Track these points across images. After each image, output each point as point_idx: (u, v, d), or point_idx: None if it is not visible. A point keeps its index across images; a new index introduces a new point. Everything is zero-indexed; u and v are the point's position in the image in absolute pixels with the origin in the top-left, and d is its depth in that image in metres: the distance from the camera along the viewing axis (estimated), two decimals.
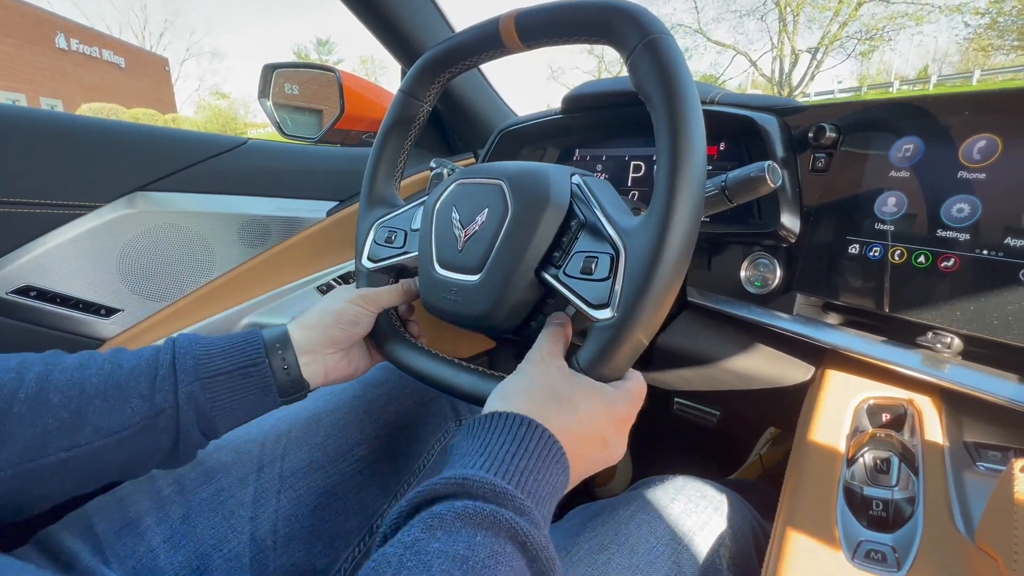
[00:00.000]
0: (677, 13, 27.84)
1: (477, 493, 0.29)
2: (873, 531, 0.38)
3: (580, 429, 0.36)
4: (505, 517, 0.28)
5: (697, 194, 0.39)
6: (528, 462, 0.31)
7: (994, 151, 0.44)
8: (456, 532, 0.26)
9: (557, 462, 0.33)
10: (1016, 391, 0.41)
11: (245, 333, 0.47)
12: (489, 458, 0.31)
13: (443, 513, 0.27)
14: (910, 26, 15.58)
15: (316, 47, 35.19)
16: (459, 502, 0.28)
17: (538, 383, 0.38)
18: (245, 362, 0.44)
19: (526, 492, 0.30)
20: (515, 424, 0.33)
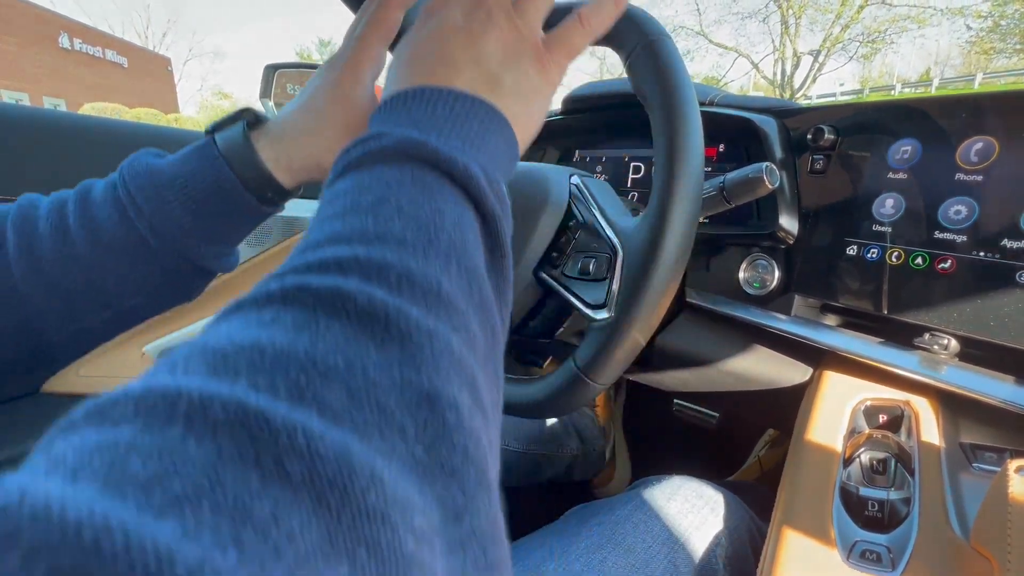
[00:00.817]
0: (679, 15, 27.84)
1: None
2: (868, 531, 0.38)
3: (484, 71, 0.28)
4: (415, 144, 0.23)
5: (694, 196, 0.39)
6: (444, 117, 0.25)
7: (991, 153, 0.44)
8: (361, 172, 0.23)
9: (491, 118, 0.27)
10: (1012, 392, 0.41)
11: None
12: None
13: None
14: (912, 29, 15.57)
15: (318, 47, 35.25)
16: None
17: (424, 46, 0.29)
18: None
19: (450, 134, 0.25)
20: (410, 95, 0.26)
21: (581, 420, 0.98)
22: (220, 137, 0.36)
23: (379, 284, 0.17)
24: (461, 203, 0.22)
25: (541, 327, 0.52)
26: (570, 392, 0.42)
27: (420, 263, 0.19)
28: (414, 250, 0.19)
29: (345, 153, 0.24)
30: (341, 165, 0.23)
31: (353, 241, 0.19)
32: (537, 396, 0.44)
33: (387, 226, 0.20)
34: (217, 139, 0.36)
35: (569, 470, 0.93)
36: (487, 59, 0.28)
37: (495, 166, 0.25)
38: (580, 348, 0.42)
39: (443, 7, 0.30)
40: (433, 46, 0.28)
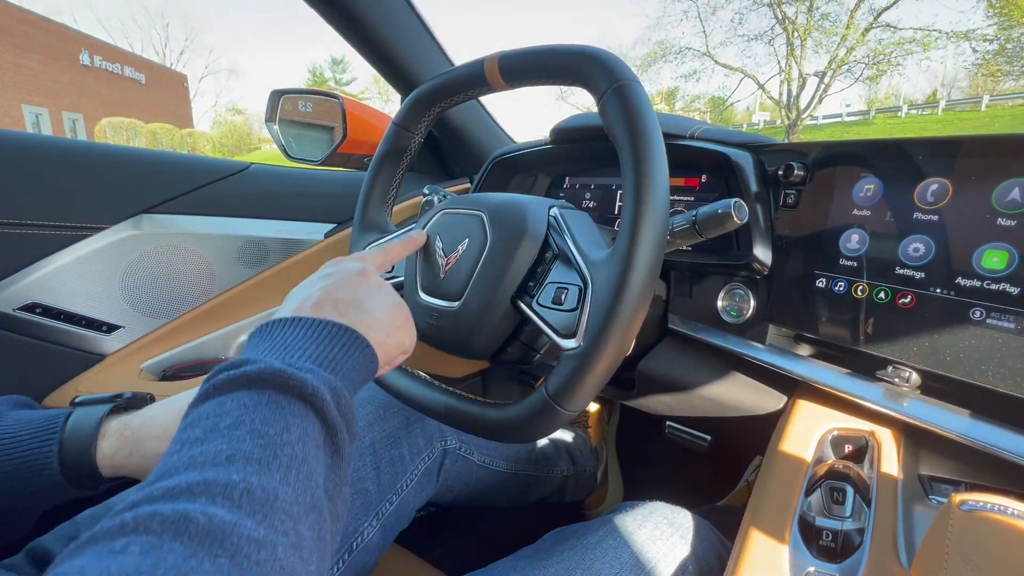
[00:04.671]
0: (686, 36, 28.28)
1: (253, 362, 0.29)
2: (821, 561, 0.39)
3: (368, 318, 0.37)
4: (274, 371, 0.28)
5: (659, 233, 0.41)
6: (318, 346, 0.32)
7: (945, 194, 0.46)
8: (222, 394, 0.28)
9: (356, 344, 0.34)
10: (968, 426, 0.42)
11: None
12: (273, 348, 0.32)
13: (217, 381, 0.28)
14: (917, 51, 15.67)
15: (330, 66, 35.99)
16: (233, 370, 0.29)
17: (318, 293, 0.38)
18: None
19: (315, 362, 0.31)
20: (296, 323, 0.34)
21: (573, 441, 0.99)
22: (76, 414, 0.40)
23: (222, 503, 0.22)
24: (308, 418, 0.28)
25: (518, 353, 0.54)
26: (540, 418, 0.43)
27: (262, 477, 0.24)
28: (259, 465, 0.24)
29: (213, 376, 0.29)
30: (208, 387, 0.28)
31: (207, 465, 0.23)
32: (509, 421, 0.45)
33: (238, 446, 0.25)
34: (72, 417, 0.39)
35: (560, 491, 0.93)
36: (364, 302, 0.38)
37: (348, 381, 0.32)
38: (551, 376, 0.44)
39: (343, 268, 0.40)
40: (328, 290, 0.38)
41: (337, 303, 0.37)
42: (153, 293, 0.77)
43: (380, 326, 0.38)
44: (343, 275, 0.39)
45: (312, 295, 0.37)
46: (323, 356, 0.32)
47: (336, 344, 0.33)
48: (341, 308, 0.37)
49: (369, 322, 0.37)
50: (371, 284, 0.40)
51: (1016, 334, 0.41)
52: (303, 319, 0.34)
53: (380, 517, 0.61)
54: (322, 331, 0.33)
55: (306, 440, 0.27)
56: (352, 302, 0.37)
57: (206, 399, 0.28)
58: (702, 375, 0.68)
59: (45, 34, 17.03)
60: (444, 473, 0.71)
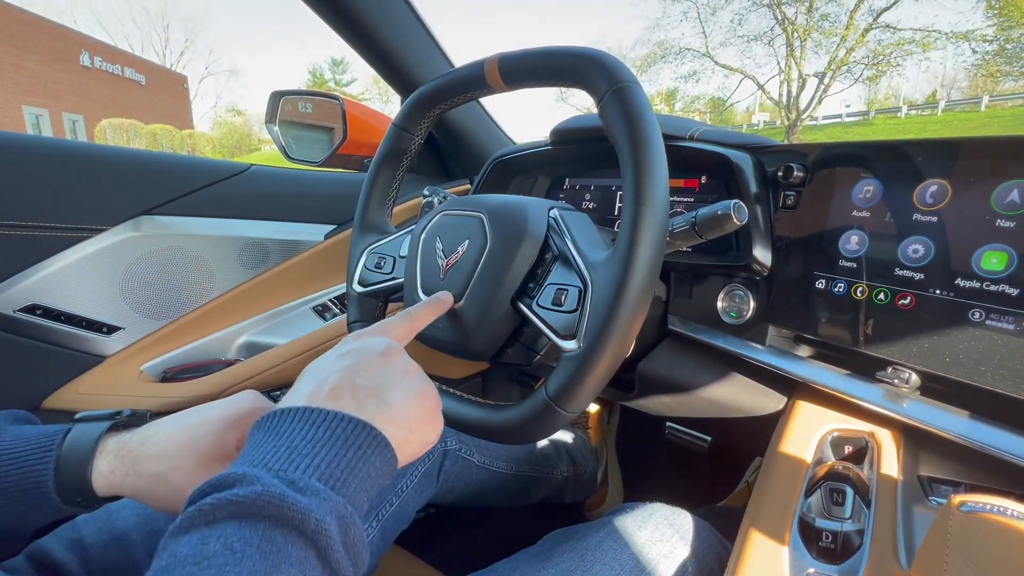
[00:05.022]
0: (685, 37, 28.31)
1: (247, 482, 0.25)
2: (821, 562, 0.39)
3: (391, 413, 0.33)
4: (273, 498, 0.24)
5: (658, 234, 0.41)
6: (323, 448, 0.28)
7: (944, 196, 0.46)
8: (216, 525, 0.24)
9: (374, 445, 0.30)
10: (968, 427, 0.42)
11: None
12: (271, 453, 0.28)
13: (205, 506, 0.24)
14: (916, 52, 15.67)
15: (330, 66, 36.00)
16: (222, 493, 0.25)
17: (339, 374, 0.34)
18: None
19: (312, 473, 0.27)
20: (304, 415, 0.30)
21: (573, 442, 0.99)
22: (75, 432, 0.38)
23: None
24: (308, 561, 0.24)
25: (518, 354, 0.54)
26: (540, 420, 0.43)
27: None
28: None
29: (200, 495, 0.25)
30: (193, 512, 0.24)
31: None
32: (509, 423, 0.45)
33: None
34: (71, 434, 0.38)
35: (561, 492, 0.93)
36: (387, 391, 0.33)
37: (360, 493, 0.28)
38: (550, 377, 0.44)
39: (365, 347, 0.36)
40: (347, 373, 0.33)
41: (356, 390, 0.32)
42: (153, 294, 0.77)
43: (403, 421, 0.33)
44: (365, 355, 0.35)
45: (329, 378, 0.33)
46: (333, 466, 0.28)
47: (351, 447, 0.29)
48: (361, 397, 0.32)
49: (390, 416, 0.32)
50: (395, 367, 0.35)
51: (1015, 335, 0.42)
52: (316, 411, 0.30)
53: (380, 518, 0.61)
54: (336, 429, 0.29)
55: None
56: (373, 390, 0.33)
57: (187, 530, 0.24)
58: (702, 376, 0.68)
59: (45, 35, 17.04)
60: (444, 474, 0.71)
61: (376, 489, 0.30)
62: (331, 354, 0.36)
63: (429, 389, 0.36)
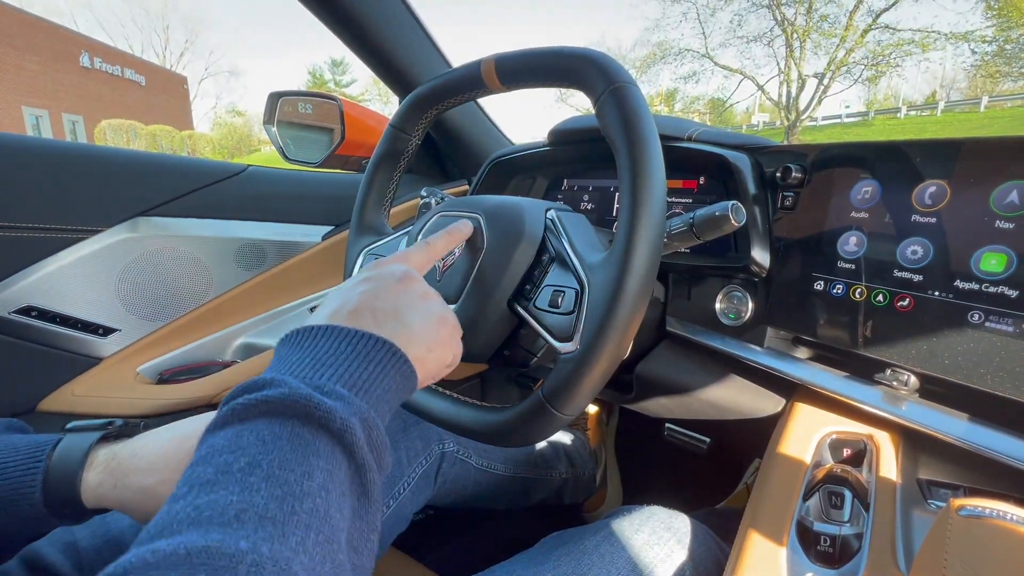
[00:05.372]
0: (685, 38, 28.32)
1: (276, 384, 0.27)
2: (819, 566, 0.38)
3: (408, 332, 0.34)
4: (301, 396, 0.25)
5: (655, 236, 0.41)
6: (348, 361, 0.30)
7: (943, 197, 0.45)
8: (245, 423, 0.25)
9: (394, 361, 0.31)
10: (966, 430, 0.42)
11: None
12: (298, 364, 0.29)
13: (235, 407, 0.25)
14: (916, 53, 15.68)
15: (330, 67, 35.99)
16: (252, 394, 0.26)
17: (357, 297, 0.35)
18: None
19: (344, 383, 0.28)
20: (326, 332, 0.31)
21: (572, 444, 0.99)
22: (65, 442, 0.38)
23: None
24: (335, 457, 0.25)
25: (515, 356, 0.53)
26: (536, 422, 0.43)
27: (275, 545, 0.20)
28: (273, 527, 0.21)
29: (232, 397, 0.26)
30: (227, 411, 0.26)
31: (212, 523, 0.20)
32: (505, 425, 0.45)
33: (251, 498, 0.22)
34: (61, 444, 0.37)
35: (559, 494, 0.93)
36: (406, 313, 0.35)
37: (382, 404, 0.30)
38: (547, 380, 0.43)
39: (384, 273, 0.37)
40: (366, 296, 0.35)
41: (376, 312, 0.34)
42: (149, 296, 0.77)
43: (421, 340, 0.34)
44: (384, 280, 0.36)
45: (350, 300, 0.34)
46: (356, 376, 0.29)
47: (372, 361, 0.30)
48: (380, 318, 0.33)
49: (409, 336, 0.34)
50: (413, 292, 0.37)
51: (1015, 337, 0.41)
52: (338, 328, 0.31)
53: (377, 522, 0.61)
54: (357, 344, 0.30)
55: (330, 488, 0.24)
56: (392, 312, 0.34)
57: (223, 426, 0.25)
58: (700, 378, 0.67)
59: (45, 36, 17.05)
60: (442, 476, 0.71)
61: (396, 403, 0.32)
62: (352, 280, 0.37)
63: (447, 313, 0.38)
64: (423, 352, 0.34)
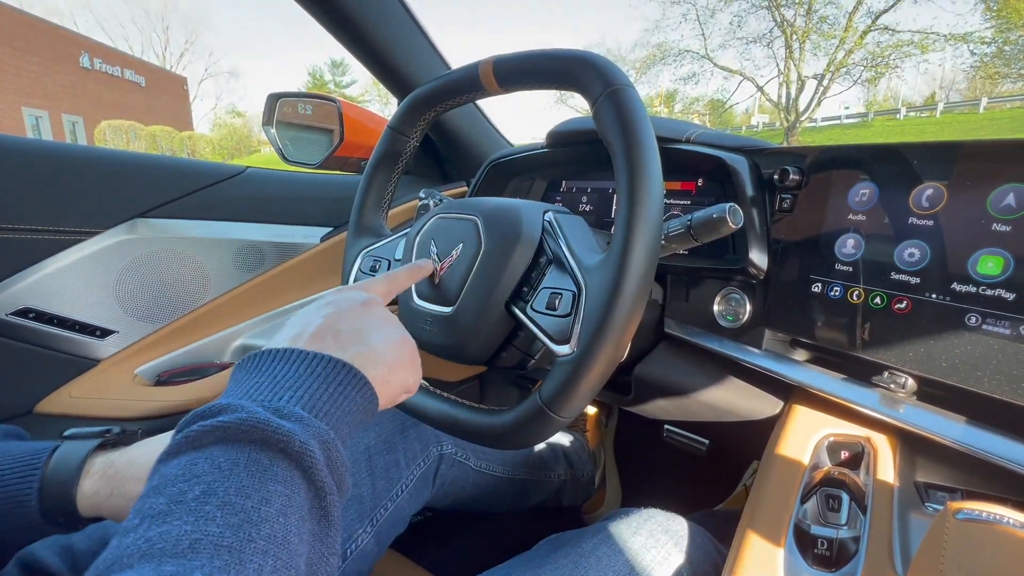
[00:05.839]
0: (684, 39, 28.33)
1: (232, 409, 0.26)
2: (817, 569, 0.38)
3: (369, 354, 0.34)
4: (257, 422, 0.25)
5: (652, 238, 0.41)
6: (305, 383, 0.29)
7: (940, 200, 0.45)
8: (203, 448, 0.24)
9: (355, 383, 0.31)
10: (963, 433, 0.42)
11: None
12: (257, 387, 0.28)
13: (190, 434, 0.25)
14: (915, 54, 15.69)
15: (330, 68, 36.00)
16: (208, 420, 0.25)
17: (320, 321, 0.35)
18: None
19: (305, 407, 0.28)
20: (286, 356, 0.30)
21: (571, 445, 0.99)
22: (62, 450, 0.37)
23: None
24: (293, 481, 0.25)
25: (512, 358, 0.53)
26: (534, 425, 0.43)
27: (233, 574, 0.20)
28: (229, 555, 0.21)
29: (186, 424, 0.26)
30: (180, 439, 0.25)
31: (165, 555, 0.20)
32: (503, 427, 0.45)
33: (206, 527, 0.21)
34: (58, 452, 0.37)
35: (558, 496, 0.93)
36: (367, 335, 0.35)
37: (343, 425, 0.29)
38: (545, 382, 0.43)
39: (347, 297, 0.37)
40: (329, 319, 0.34)
41: (338, 334, 0.33)
42: (147, 297, 0.77)
43: (383, 362, 0.34)
44: (347, 304, 0.36)
45: (311, 323, 0.34)
46: (316, 398, 0.29)
47: (332, 383, 0.30)
48: (342, 340, 0.33)
49: (371, 357, 0.34)
50: (375, 316, 0.37)
51: (1011, 340, 0.41)
52: (296, 351, 0.31)
53: (375, 523, 0.61)
54: (316, 367, 0.30)
55: (288, 513, 0.24)
56: (354, 334, 0.34)
57: (176, 454, 0.25)
58: (698, 380, 0.67)
59: (45, 36, 17.04)
60: (440, 478, 0.71)
61: (358, 425, 0.31)
62: (313, 305, 0.37)
63: (407, 337, 0.38)
64: (384, 373, 0.34)
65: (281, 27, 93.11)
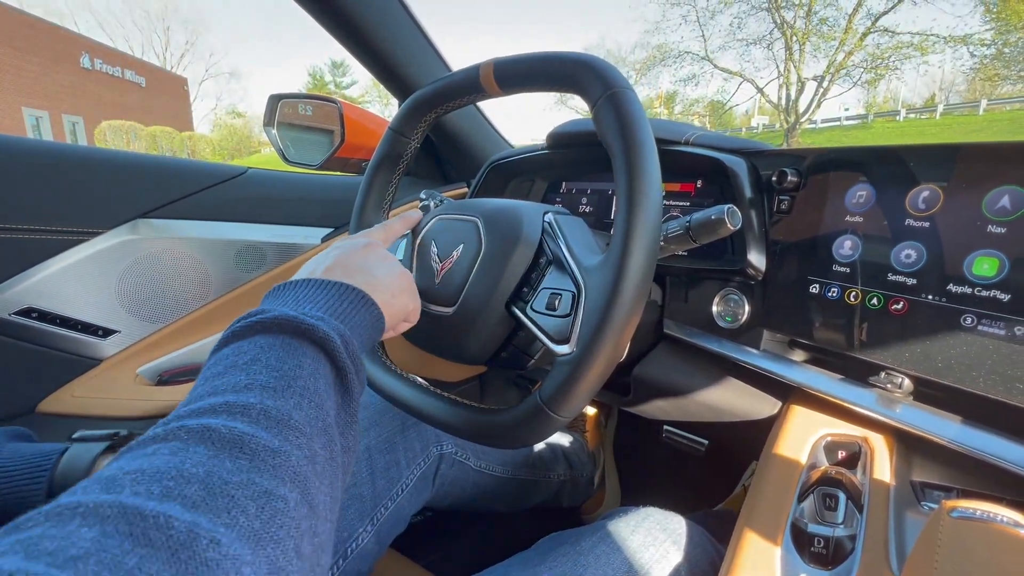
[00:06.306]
0: (685, 41, 28.36)
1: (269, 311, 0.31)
2: (813, 567, 0.39)
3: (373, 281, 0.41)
4: (289, 318, 0.30)
5: (651, 239, 0.41)
6: (327, 296, 0.35)
7: (936, 201, 0.46)
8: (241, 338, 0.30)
9: (364, 302, 0.37)
10: (959, 432, 0.42)
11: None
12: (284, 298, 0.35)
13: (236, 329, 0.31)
14: (915, 56, 15.71)
15: (330, 69, 36.02)
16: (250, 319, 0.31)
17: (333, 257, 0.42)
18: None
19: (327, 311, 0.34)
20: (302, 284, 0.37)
21: (570, 445, 0.99)
22: (71, 452, 0.40)
23: (241, 419, 0.24)
24: (319, 359, 0.30)
25: (512, 358, 0.54)
26: (533, 424, 0.43)
27: (277, 401, 0.26)
28: (274, 392, 0.27)
29: (232, 326, 0.31)
30: (228, 334, 0.31)
31: (227, 392, 0.26)
32: (502, 427, 0.45)
33: (255, 377, 0.27)
34: (67, 454, 0.40)
35: (558, 496, 0.93)
36: (371, 268, 0.42)
37: (356, 333, 0.35)
38: (544, 382, 0.44)
39: (351, 242, 0.45)
40: (338, 258, 0.41)
41: (347, 267, 0.40)
42: (149, 298, 0.77)
43: (386, 288, 0.41)
44: (352, 246, 0.43)
45: (322, 262, 0.40)
46: (334, 309, 0.34)
47: (345, 300, 0.36)
48: (351, 272, 0.40)
49: (376, 285, 0.40)
50: (376, 254, 0.44)
51: (1006, 341, 0.42)
52: (313, 280, 0.37)
53: (375, 522, 0.61)
54: (331, 289, 0.36)
55: (317, 377, 0.29)
56: (360, 267, 0.41)
57: (226, 344, 0.30)
58: (697, 380, 0.68)
59: (45, 37, 17.05)
60: (440, 478, 0.71)
61: (369, 339, 0.38)
62: (324, 250, 0.44)
63: (405, 271, 0.45)
64: (388, 298, 0.41)
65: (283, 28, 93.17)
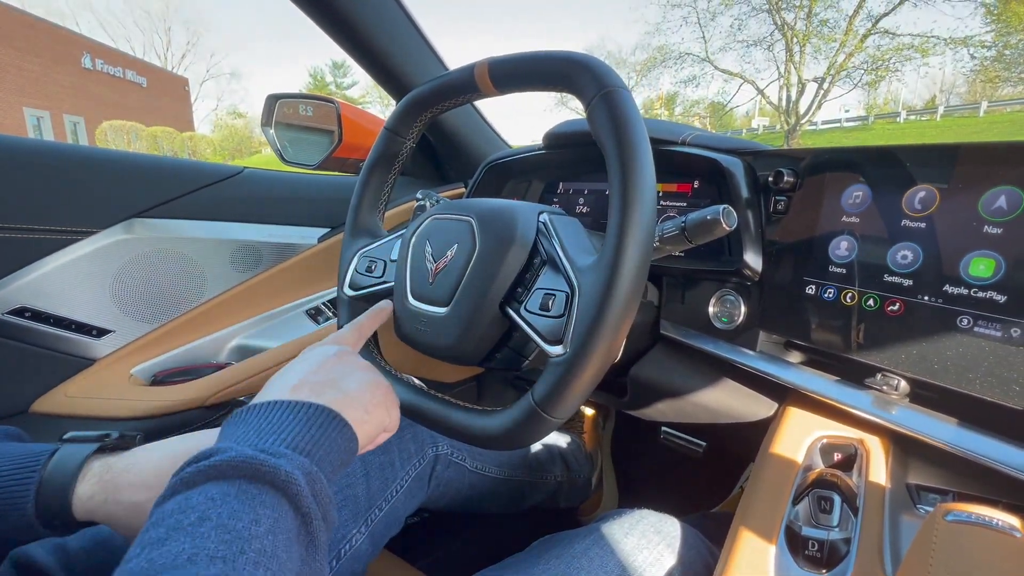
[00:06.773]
0: (685, 42, 28.37)
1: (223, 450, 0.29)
2: (807, 570, 0.38)
3: (346, 400, 0.37)
4: (247, 460, 0.27)
5: (645, 239, 0.41)
6: (299, 427, 0.32)
7: (933, 202, 0.46)
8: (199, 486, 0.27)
9: (334, 424, 0.34)
10: (955, 435, 0.42)
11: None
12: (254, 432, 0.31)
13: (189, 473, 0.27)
14: (915, 58, 15.71)
15: (331, 69, 36.05)
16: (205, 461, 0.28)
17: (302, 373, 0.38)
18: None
19: (295, 448, 0.31)
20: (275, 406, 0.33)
21: (567, 447, 0.99)
22: (61, 453, 0.38)
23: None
24: (281, 507, 0.27)
25: (507, 359, 0.53)
26: (527, 426, 0.43)
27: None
28: (223, 564, 0.23)
29: (181, 471, 0.28)
30: (175, 481, 0.27)
31: (165, 568, 0.22)
32: (496, 429, 0.45)
33: (202, 544, 0.23)
34: (56, 455, 0.38)
35: (554, 497, 0.93)
36: (342, 382, 0.38)
37: (325, 463, 0.32)
38: (537, 383, 0.43)
39: (320, 352, 0.41)
40: (304, 374, 0.38)
41: (314, 385, 0.37)
42: (144, 297, 0.77)
43: (359, 404, 0.37)
44: (319, 358, 0.40)
45: (289, 380, 0.37)
46: (298, 439, 0.31)
47: (312, 425, 0.32)
48: (318, 389, 0.36)
49: (347, 401, 0.36)
50: (347, 364, 0.40)
51: (1002, 342, 0.41)
52: (278, 402, 0.33)
53: (369, 524, 0.61)
54: (298, 413, 0.33)
55: (277, 532, 0.26)
56: (329, 382, 0.37)
57: (172, 495, 0.27)
58: (694, 381, 0.68)
59: (47, 37, 17.07)
60: (435, 479, 0.71)
61: (341, 464, 0.34)
62: (290, 364, 0.40)
63: (380, 380, 0.42)
64: (361, 414, 0.37)
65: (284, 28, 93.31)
